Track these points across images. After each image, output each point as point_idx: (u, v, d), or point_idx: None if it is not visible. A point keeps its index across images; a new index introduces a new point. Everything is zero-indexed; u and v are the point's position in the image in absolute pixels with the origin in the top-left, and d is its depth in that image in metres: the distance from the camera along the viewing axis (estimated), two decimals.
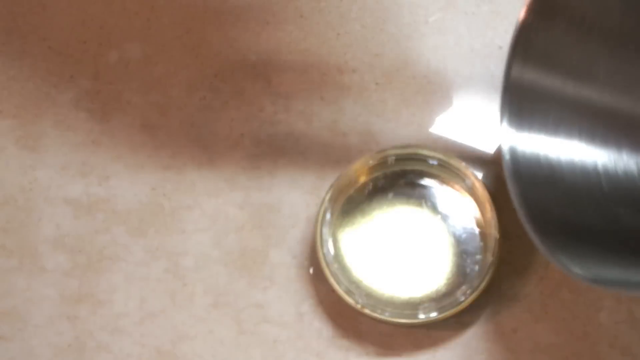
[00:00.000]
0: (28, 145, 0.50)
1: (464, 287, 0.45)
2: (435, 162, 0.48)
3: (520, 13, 0.43)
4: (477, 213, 0.47)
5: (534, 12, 0.42)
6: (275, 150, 0.49)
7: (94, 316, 0.46)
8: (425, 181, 0.48)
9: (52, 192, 0.49)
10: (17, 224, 0.48)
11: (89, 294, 0.47)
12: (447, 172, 0.48)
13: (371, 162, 0.48)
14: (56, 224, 0.48)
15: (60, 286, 0.47)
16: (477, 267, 0.46)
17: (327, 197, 0.47)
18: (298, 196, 0.48)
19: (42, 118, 0.50)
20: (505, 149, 0.43)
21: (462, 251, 0.46)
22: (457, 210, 0.47)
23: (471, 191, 0.47)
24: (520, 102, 0.43)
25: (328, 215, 0.46)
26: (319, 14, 0.52)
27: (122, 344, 0.46)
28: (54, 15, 0.53)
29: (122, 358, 0.46)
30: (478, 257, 0.46)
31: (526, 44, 0.43)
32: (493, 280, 0.45)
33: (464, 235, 0.46)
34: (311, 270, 0.47)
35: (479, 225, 0.47)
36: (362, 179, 0.48)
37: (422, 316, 0.45)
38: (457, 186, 0.47)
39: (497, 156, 0.47)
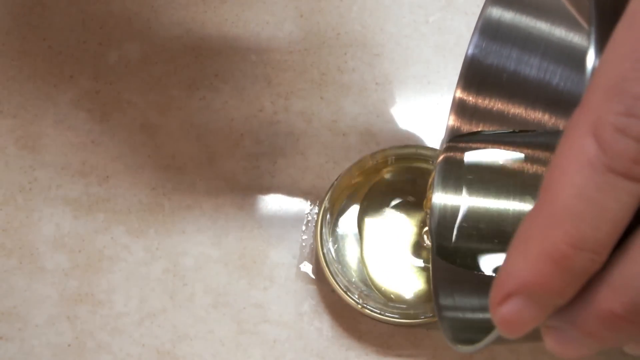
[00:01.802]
0: (28, 145, 0.50)
1: None
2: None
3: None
4: None
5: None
6: (275, 150, 0.49)
7: (94, 316, 0.46)
8: (425, 181, 0.48)
9: (52, 192, 0.49)
10: (17, 224, 0.48)
11: (89, 294, 0.47)
12: None
13: (371, 162, 0.48)
14: (56, 224, 0.48)
15: (60, 286, 0.47)
16: None
17: (327, 197, 0.47)
18: (298, 196, 0.48)
19: (42, 118, 0.50)
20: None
21: None
22: None
23: None
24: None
25: (328, 216, 0.46)
26: (319, 14, 0.52)
27: (122, 344, 0.46)
28: (54, 15, 0.53)
29: (122, 358, 0.46)
30: None
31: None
32: None
33: None
34: (311, 270, 0.47)
35: None
36: (362, 179, 0.48)
37: (422, 316, 0.45)
38: None
39: None
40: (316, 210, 0.48)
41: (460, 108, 0.44)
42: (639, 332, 0.26)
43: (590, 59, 0.27)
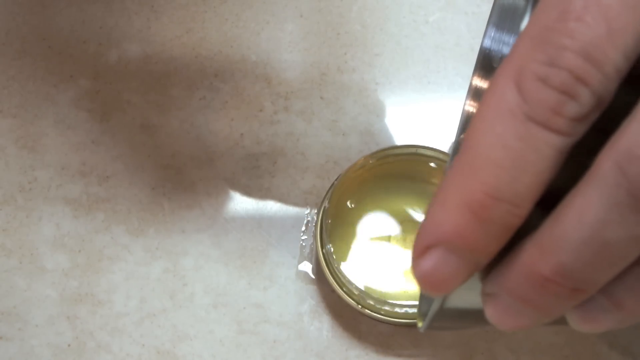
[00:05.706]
0: (28, 145, 0.50)
1: None
2: (435, 163, 0.48)
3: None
4: None
5: None
6: (275, 150, 0.49)
7: (94, 316, 0.46)
8: (425, 181, 0.48)
9: (52, 192, 0.49)
10: (17, 224, 0.48)
11: (89, 294, 0.47)
12: None
13: (371, 162, 0.48)
14: (56, 223, 0.48)
15: (60, 286, 0.47)
16: None
17: (327, 197, 0.47)
18: (298, 196, 0.48)
19: (42, 118, 0.50)
20: None
21: None
22: None
23: None
24: None
25: (328, 216, 0.46)
26: (319, 14, 0.52)
27: (122, 344, 0.46)
28: (54, 15, 0.53)
29: (122, 358, 0.46)
30: None
31: None
32: None
33: None
34: (311, 270, 0.47)
35: None
36: (362, 179, 0.48)
37: None
38: None
39: None
40: (316, 210, 0.48)
41: (476, 96, 0.44)
42: (569, 297, 0.25)
43: (527, 16, 0.26)
